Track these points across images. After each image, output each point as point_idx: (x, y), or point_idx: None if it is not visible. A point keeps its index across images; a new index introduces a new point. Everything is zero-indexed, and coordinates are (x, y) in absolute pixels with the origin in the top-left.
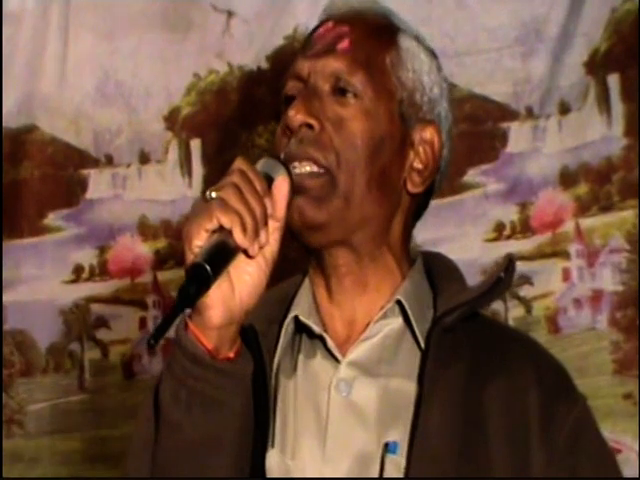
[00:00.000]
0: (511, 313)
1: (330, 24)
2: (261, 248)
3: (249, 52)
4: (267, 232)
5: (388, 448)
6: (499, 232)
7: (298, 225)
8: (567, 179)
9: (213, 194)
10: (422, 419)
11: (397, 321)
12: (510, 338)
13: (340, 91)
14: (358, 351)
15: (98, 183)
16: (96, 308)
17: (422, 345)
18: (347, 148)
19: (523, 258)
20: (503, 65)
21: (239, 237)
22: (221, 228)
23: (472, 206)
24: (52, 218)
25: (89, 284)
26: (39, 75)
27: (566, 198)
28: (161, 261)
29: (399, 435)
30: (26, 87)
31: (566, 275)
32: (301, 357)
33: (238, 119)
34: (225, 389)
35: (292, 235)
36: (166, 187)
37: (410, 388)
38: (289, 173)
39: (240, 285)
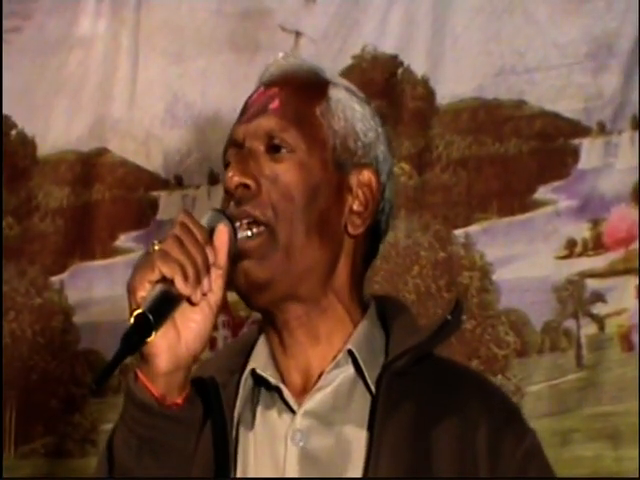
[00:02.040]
0: (583, 331)
1: (262, 89)
2: (204, 295)
3: None
4: (210, 279)
5: None
6: (571, 249)
7: (244, 287)
8: None
9: (156, 247)
10: (372, 467)
11: (349, 369)
12: (460, 377)
13: (274, 148)
14: (312, 401)
15: (168, 204)
16: None
17: (373, 391)
18: (283, 200)
19: (595, 275)
20: (574, 81)
21: (180, 285)
22: (164, 279)
23: (543, 223)
24: (123, 240)
25: None
26: (109, 99)
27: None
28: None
29: None
30: (97, 111)
31: (639, 292)
32: (259, 409)
33: None
34: (173, 435)
35: (242, 298)
36: None
37: (362, 435)
38: (232, 225)
39: (186, 332)
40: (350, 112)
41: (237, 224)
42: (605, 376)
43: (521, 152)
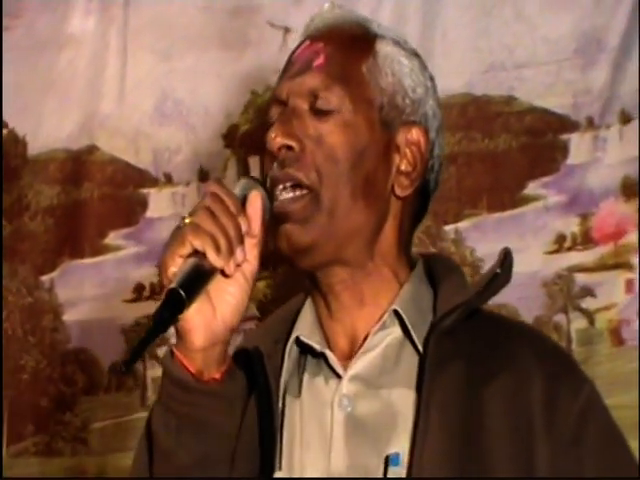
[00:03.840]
0: (573, 325)
1: (307, 43)
2: (239, 266)
3: None
4: (244, 250)
5: (390, 461)
6: (560, 244)
7: (287, 251)
8: (629, 189)
9: (186, 220)
10: (421, 428)
11: (396, 330)
12: (512, 331)
13: (318, 107)
14: (358, 365)
15: (158, 202)
16: None
17: (421, 351)
18: (328, 163)
19: (585, 270)
20: (563, 77)
21: (213, 257)
22: (195, 252)
23: (533, 218)
24: (112, 237)
25: (150, 302)
26: (99, 96)
27: (628, 209)
28: None
29: (401, 446)
30: (86, 109)
31: (629, 287)
32: (306, 376)
33: None
34: (212, 410)
35: (284, 261)
36: None
37: (411, 395)
38: (269, 197)
39: (222, 305)
40: (398, 67)
41: (280, 187)
42: (595, 370)
43: (511, 148)
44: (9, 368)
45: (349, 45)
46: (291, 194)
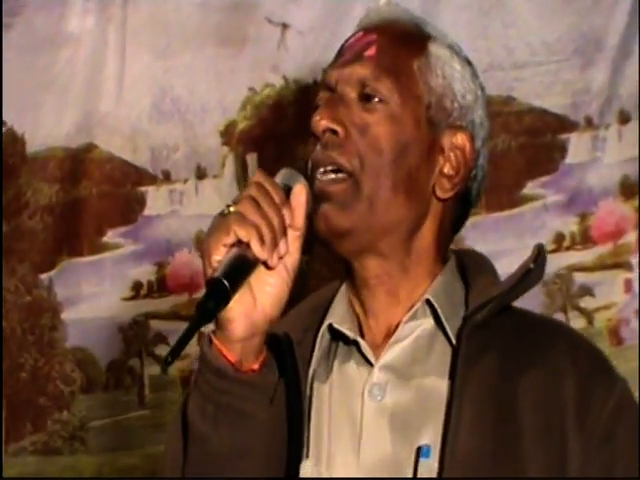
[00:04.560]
0: (572, 324)
1: (360, 34)
2: (281, 258)
3: (305, 65)
4: (286, 242)
5: (421, 452)
6: (559, 243)
7: (324, 232)
8: (628, 189)
9: (231, 208)
10: (453, 419)
11: (428, 321)
12: (545, 327)
13: (366, 97)
14: (390, 354)
15: (155, 199)
16: (155, 324)
17: (454, 343)
18: (371, 152)
19: (584, 269)
20: (562, 77)
21: (257, 249)
22: (239, 242)
23: (531, 218)
24: (111, 235)
25: (148, 300)
26: (97, 94)
27: (627, 208)
28: None
29: (432, 437)
30: (85, 107)
31: (628, 286)
32: (336, 364)
33: (295, 133)
34: (250, 400)
35: (320, 243)
36: (223, 202)
37: (443, 386)
38: (309, 181)
39: (262, 296)
40: (449, 71)
41: (320, 169)
42: None
43: (510, 148)
44: (7, 367)
45: (402, 40)
46: (332, 176)
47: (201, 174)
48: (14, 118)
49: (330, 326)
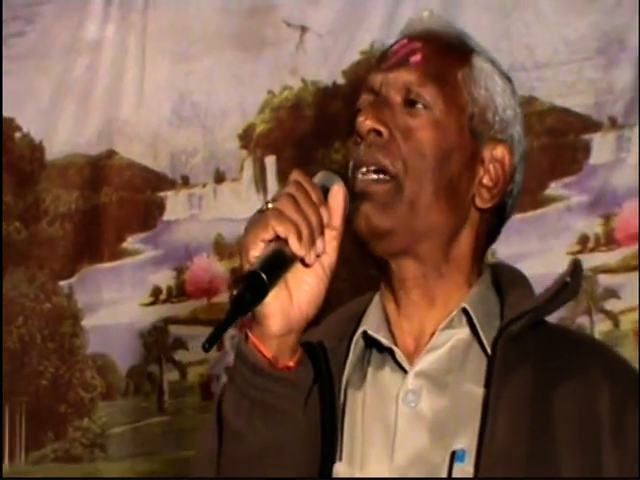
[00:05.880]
0: (597, 327)
1: (405, 41)
2: (318, 257)
3: (324, 67)
4: (324, 241)
5: (455, 457)
6: (583, 245)
7: (364, 232)
8: None
9: (269, 205)
10: (489, 425)
11: (464, 331)
12: (579, 342)
13: (410, 102)
14: (425, 361)
15: (175, 204)
16: (174, 329)
17: (489, 353)
18: (415, 156)
19: (608, 271)
20: (584, 76)
21: (295, 245)
22: (277, 238)
23: (555, 219)
24: (130, 241)
25: (167, 306)
26: (118, 101)
27: None
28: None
29: (467, 443)
30: (105, 114)
31: None
32: (370, 370)
33: (314, 135)
34: (285, 397)
35: (360, 243)
36: (241, 205)
37: (478, 394)
38: (350, 180)
39: (299, 294)
40: (492, 84)
41: (363, 169)
42: None
43: (532, 148)
44: (27, 374)
45: (447, 50)
46: (374, 176)
47: (220, 178)
48: (31, 125)
49: (365, 333)
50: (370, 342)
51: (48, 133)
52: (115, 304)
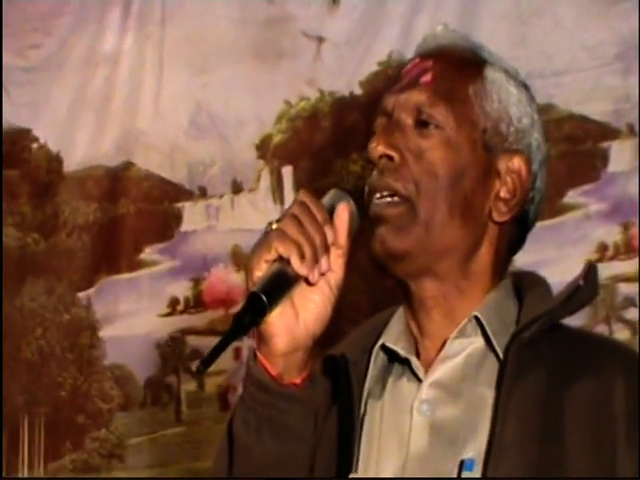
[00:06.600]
0: (616, 336)
1: (417, 60)
2: (323, 275)
3: (340, 78)
4: (329, 259)
5: (464, 465)
6: (602, 253)
7: (381, 255)
8: None
9: (273, 226)
10: (498, 432)
11: (479, 340)
12: (593, 344)
13: (422, 123)
14: (439, 371)
15: (192, 215)
16: (192, 340)
17: (502, 359)
18: (426, 177)
19: (627, 279)
20: (603, 83)
21: (297, 265)
22: (280, 258)
23: (573, 227)
24: (148, 252)
25: (184, 316)
26: (135, 113)
27: None
28: None
29: (477, 450)
30: (123, 125)
31: None
32: (390, 381)
33: (330, 145)
34: (290, 413)
35: (378, 266)
36: (258, 216)
37: (489, 398)
38: (365, 205)
39: (305, 313)
40: (505, 95)
41: (377, 195)
42: None
43: (550, 156)
44: (46, 386)
45: (458, 66)
46: (388, 199)
47: (237, 188)
48: (48, 136)
49: (383, 345)
50: (392, 354)
51: (65, 144)
52: (133, 315)
